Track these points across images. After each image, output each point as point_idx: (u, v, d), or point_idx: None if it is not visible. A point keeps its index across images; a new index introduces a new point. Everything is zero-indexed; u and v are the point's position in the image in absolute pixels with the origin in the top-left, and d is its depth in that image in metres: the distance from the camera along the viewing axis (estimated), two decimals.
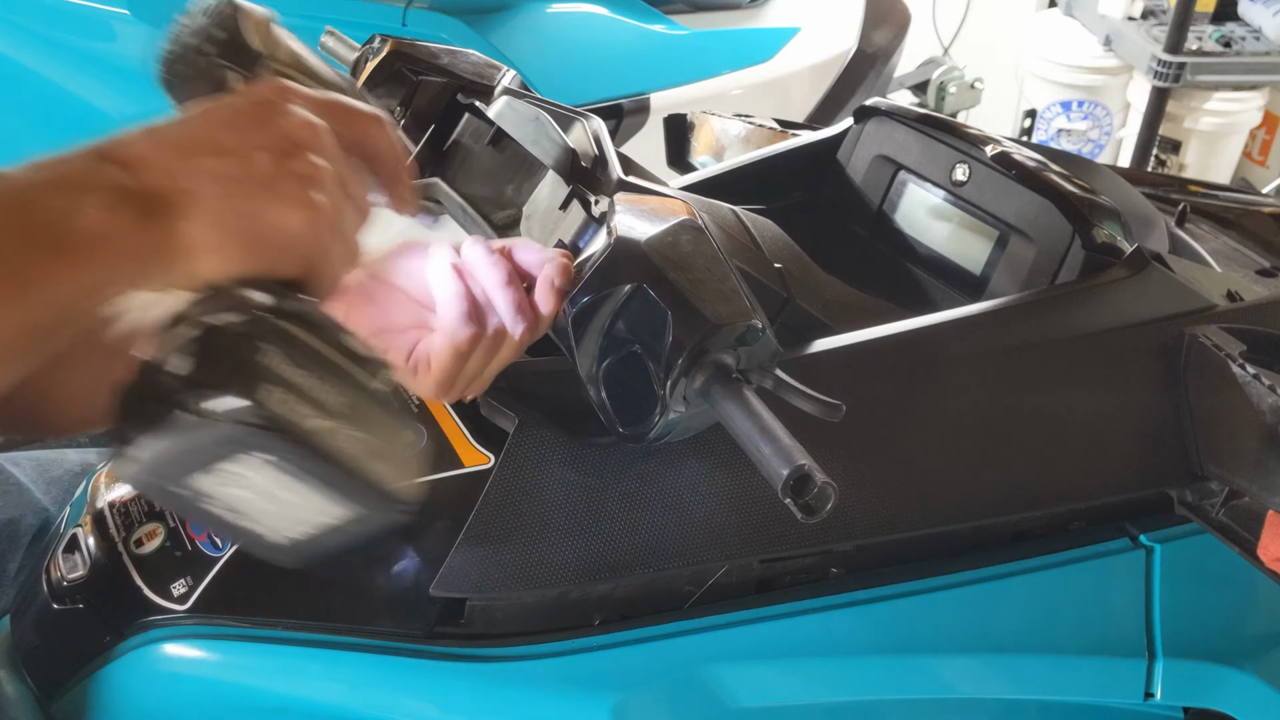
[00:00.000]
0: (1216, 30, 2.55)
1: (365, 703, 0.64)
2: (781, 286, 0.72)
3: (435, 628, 0.64)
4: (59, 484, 0.82)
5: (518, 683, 0.63)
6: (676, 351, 0.54)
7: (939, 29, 3.16)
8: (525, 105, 0.77)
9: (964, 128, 0.87)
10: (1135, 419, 0.72)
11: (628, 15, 1.89)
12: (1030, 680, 0.73)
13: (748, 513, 0.65)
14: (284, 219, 0.45)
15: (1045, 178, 0.79)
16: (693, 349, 0.54)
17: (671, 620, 0.66)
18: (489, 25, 1.77)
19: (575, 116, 0.74)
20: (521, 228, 0.72)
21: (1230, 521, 0.72)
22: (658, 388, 0.55)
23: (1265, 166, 2.82)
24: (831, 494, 0.51)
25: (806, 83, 2.04)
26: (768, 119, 1.17)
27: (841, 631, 0.69)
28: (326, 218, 0.47)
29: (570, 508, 0.63)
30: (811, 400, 0.55)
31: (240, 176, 0.44)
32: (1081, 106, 2.78)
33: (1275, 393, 0.64)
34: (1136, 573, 0.74)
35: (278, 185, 0.45)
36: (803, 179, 0.95)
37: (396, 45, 0.83)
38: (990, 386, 0.70)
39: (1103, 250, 0.75)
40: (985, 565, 0.72)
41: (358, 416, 0.43)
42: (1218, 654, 0.76)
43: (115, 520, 0.69)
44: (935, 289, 0.85)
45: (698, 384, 0.54)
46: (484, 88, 0.82)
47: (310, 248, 0.46)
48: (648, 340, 0.56)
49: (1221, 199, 1.10)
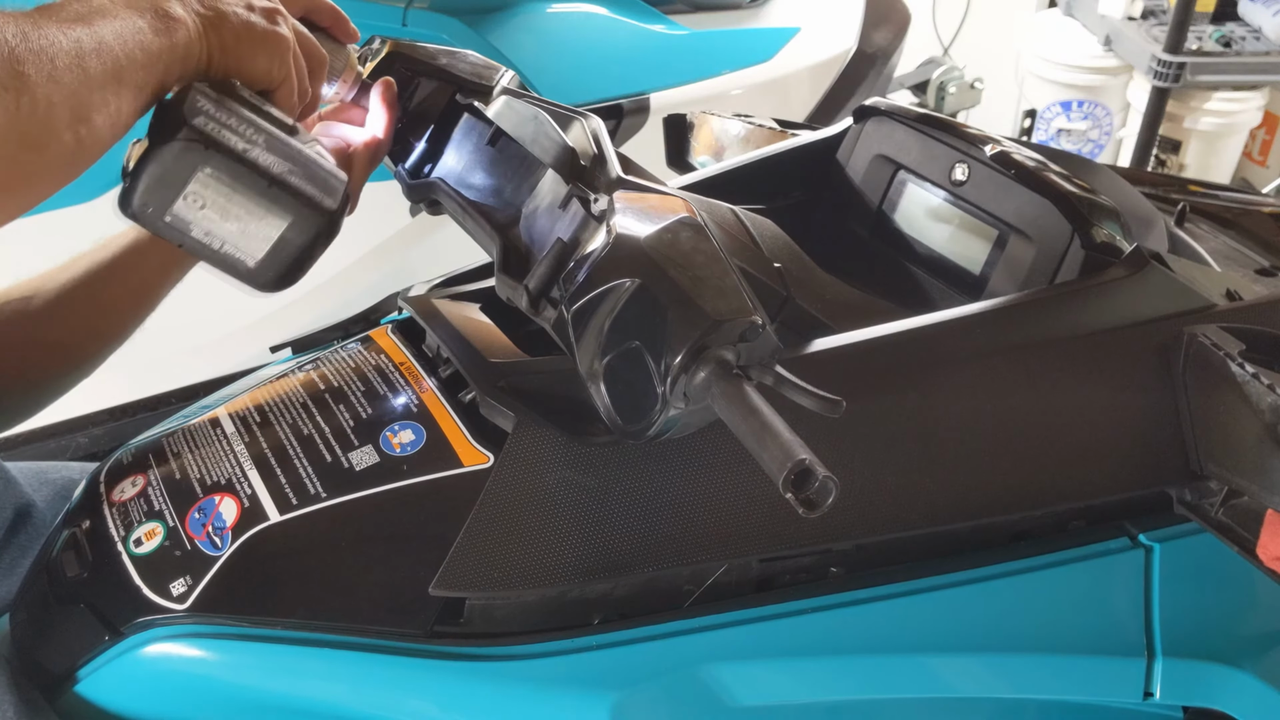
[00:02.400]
0: (1216, 30, 2.55)
1: (365, 703, 0.64)
2: (781, 286, 0.72)
3: (435, 627, 0.64)
4: (52, 485, 0.82)
5: (517, 682, 0.63)
6: (677, 348, 0.54)
7: (939, 29, 3.16)
8: (524, 105, 0.77)
9: (964, 127, 0.87)
10: (1134, 418, 0.72)
11: (628, 15, 1.89)
12: (1030, 680, 0.73)
13: (747, 512, 0.65)
14: (260, 39, 0.64)
15: (1045, 177, 0.79)
16: (693, 345, 0.54)
17: (671, 620, 0.66)
18: (489, 25, 1.77)
19: (574, 116, 0.74)
20: (521, 227, 0.72)
21: (1230, 521, 0.71)
22: (658, 384, 0.55)
23: (1265, 166, 2.82)
24: (833, 488, 0.51)
25: (806, 83, 2.04)
26: (768, 119, 1.17)
27: (841, 631, 0.69)
28: (286, 45, 0.66)
29: (570, 507, 0.63)
30: (812, 396, 0.55)
31: (231, 13, 0.63)
32: (1081, 106, 2.78)
33: (1275, 392, 0.64)
34: (1136, 572, 0.74)
35: (254, 21, 0.64)
36: (802, 179, 0.95)
37: (396, 46, 0.83)
38: (989, 386, 0.70)
39: (1102, 250, 0.75)
40: (985, 565, 0.72)
41: (273, 145, 0.63)
42: (1217, 654, 0.76)
43: (114, 520, 0.69)
44: (935, 289, 0.85)
45: (698, 380, 0.54)
46: (483, 88, 0.82)
47: (273, 64, 0.66)
48: (648, 337, 0.56)
49: (1221, 199, 1.10)
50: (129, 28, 0.57)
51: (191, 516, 0.67)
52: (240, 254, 0.64)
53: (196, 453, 0.72)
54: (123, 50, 0.57)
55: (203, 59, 0.62)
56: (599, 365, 0.58)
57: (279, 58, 0.66)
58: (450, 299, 0.82)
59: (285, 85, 0.67)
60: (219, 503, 0.67)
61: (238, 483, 0.68)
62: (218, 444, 0.72)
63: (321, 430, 0.70)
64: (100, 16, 0.56)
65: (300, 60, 0.69)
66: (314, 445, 0.69)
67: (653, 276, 0.57)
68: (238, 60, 0.64)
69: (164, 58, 0.59)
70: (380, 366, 0.76)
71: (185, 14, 0.61)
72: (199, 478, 0.69)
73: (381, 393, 0.73)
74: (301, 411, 0.72)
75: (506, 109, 0.79)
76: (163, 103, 0.62)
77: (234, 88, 0.64)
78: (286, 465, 0.68)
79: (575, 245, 0.64)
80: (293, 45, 0.67)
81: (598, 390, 0.58)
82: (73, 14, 0.56)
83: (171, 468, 0.71)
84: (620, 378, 0.57)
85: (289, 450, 0.69)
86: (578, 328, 0.59)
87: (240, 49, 0.64)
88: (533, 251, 0.70)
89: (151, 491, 0.70)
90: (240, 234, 0.63)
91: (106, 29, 0.56)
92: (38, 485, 0.81)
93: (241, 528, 0.65)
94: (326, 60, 0.73)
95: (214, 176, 0.61)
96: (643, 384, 0.56)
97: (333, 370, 0.76)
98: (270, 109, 0.65)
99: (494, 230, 0.72)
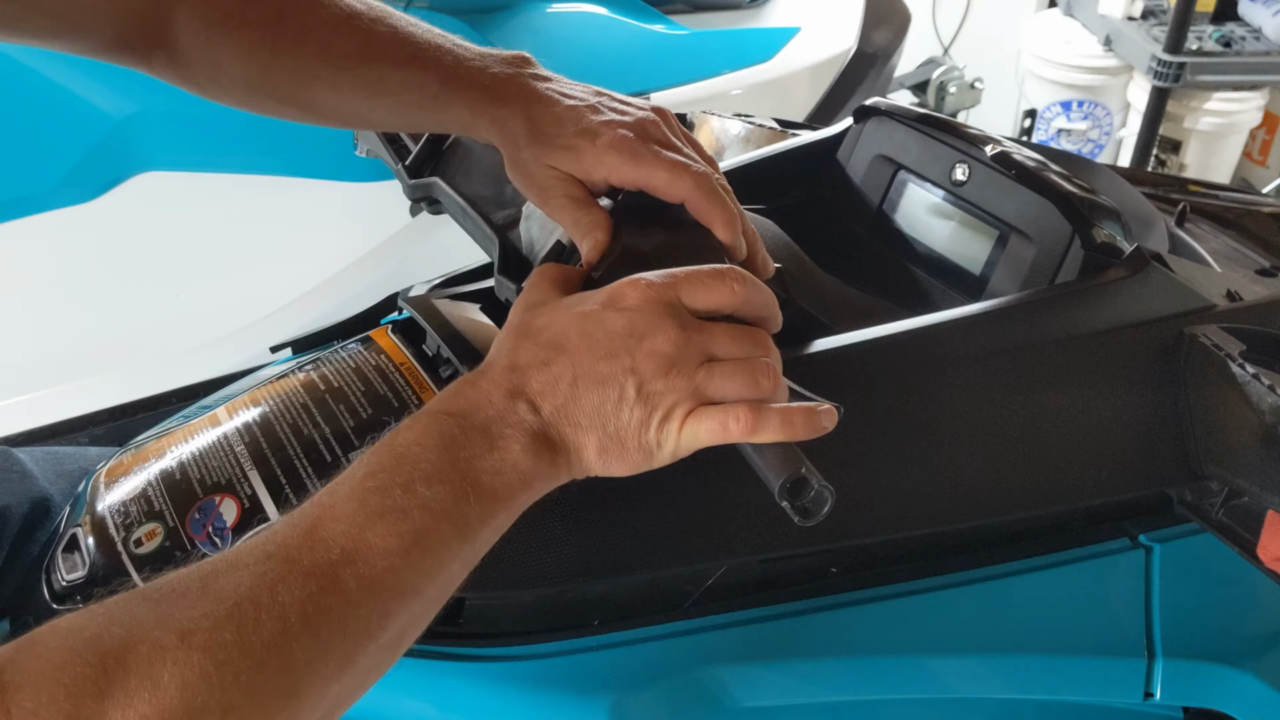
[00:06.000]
0: (1216, 30, 2.55)
1: (364, 702, 0.63)
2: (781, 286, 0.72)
3: (434, 627, 0.64)
4: (69, 477, 0.82)
5: (516, 683, 0.63)
6: None
7: (939, 29, 3.16)
8: None
9: (964, 127, 0.87)
10: (1135, 419, 0.72)
11: (628, 15, 1.89)
12: (1030, 680, 0.73)
13: (747, 513, 0.65)
14: (646, 445, 0.53)
15: (1045, 177, 0.79)
16: None
17: (671, 620, 0.66)
18: (489, 25, 1.77)
19: None
20: (521, 228, 0.72)
21: (1230, 521, 0.71)
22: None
23: (1265, 166, 2.82)
24: (828, 498, 0.51)
25: (806, 83, 2.04)
26: (768, 119, 1.17)
27: (841, 631, 0.69)
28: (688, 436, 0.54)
29: (569, 507, 0.63)
30: (809, 401, 0.55)
31: (613, 413, 0.52)
32: (1081, 106, 2.78)
33: (1275, 392, 0.64)
34: (1136, 572, 0.74)
35: (648, 416, 0.52)
36: (802, 179, 0.95)
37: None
38: (989, 386, 0.70)
39: (1102, 250, 0.75)
40: (985, 565, 0.72)
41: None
42: (1217, 654, 0.76)
43: (115, 520, 0.69)
44: (935, 289, 0.85)
45: None
46: None
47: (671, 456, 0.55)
48: None
49: (1221, 199, 1.10)
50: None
51: (192, 517, 0.67)
52: None
53: (197, 453, 0.72)
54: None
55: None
56: None
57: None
58: (450, 299, 0.82)
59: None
60: (219, 503, 0.67)
61: (238, 483, 0.68)
62: (218, 444, 0.72)
63: (322, 430, 0.70)
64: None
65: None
66: (314, 445, 0.69)
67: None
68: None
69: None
70: (380, 366, 0.76)
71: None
72: (199, 478, 0.69)
73: (381, 393, 0.73)
74: (301, 412, 0.72)
75: None
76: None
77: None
78: (287, 465, 0.68)
79: (574, 250, 0.64)
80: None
81: None
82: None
83: (172, 468, 0.71)
84: None
85: (289, 450, 0.69)
86: None
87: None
88: (533, 253, 0.70)
89: (151, 492, 0.70)
90: None
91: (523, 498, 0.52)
92: (54, 477, 0.80)
93: (242, 528, 0.65)
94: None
95: None
96: None
97: (333, 370, 0.76)
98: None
99: (494, 231, 0.72)
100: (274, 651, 0.43)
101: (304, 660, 0.44)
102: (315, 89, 0.67)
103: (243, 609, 0.43)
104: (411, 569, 0.47)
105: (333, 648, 0.45)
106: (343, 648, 0.45)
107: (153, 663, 0.41)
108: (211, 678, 0.41)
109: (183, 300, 1.71)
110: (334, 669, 0.45)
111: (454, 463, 0.49)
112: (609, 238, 0.60)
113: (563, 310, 0.55)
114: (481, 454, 0.50)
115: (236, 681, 0.42)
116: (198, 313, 1.71)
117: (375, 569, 0.46)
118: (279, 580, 0.44)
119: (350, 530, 0.46)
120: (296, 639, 0.43)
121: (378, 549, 0.46)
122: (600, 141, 0.61)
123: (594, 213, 0.61)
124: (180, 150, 1.61)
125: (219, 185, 1.65)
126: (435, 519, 0.48)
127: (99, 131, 1.56)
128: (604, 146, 0.61)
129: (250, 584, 0.44)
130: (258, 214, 1.70)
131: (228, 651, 0.42)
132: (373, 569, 0.46)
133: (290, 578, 0.45)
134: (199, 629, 0.42)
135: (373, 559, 0.46)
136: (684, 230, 0.62)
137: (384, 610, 0.47)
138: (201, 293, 1.71)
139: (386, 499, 0.48)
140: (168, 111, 1.58)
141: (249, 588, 0.44)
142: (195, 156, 1.63)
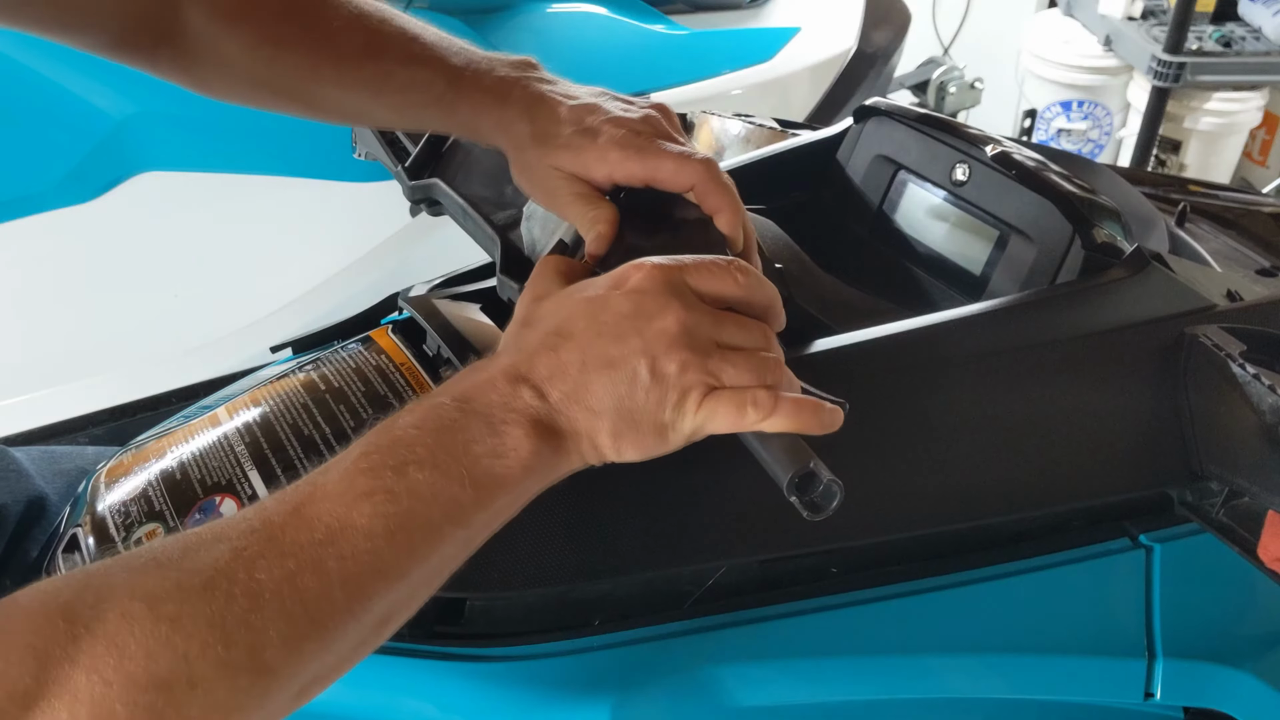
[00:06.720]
0: (1216, 30, 2.55)
1: (365, 703, 0.64)
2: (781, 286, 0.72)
3: (435, 627, 0.64)
4: (66, 476, 0.82)
5: (518, 683, 0.63)
6: None
7: (939, 29, 3.16)
8: None
9: (964, 128, 0.87)
10: (1135, 418, 0.72)
11: (628, 15, 1.89)
12: (1030, 680, 0.73)
13: (747, 513, 0.65)
14: (661, 426, 0.52)
15: (1045, 178, 0.79)
16: None
17: (671, 620, 0.66)
18: (489, 25, 1.77)
19: None
20: (522, 228, 0.72)
21: (1230, 521, 0.71)
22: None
23: (1265, 166, 2.82)
24: (837, 491, 0.51)
25: (806, 83, 2.04)
26: (768, 119, 1.17)
27: (841, 632, 0.69)
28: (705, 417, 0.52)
29: (570, 507, 0.63)
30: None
31: (627, 395, 0.51)
32: (1081, 106, 2.78)
33: (1275, 393, 0.64)
34: (1136, 572, 0.74)
35: (663, 396, 0.51)
36: (803, 179, 0.95)
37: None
38: (990, 386, 0.70)
39: (1103, 250, 0.75)
40: (985, 565, 0.72)
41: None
42: (1218, 654, 0.76)
43: (115, 520, 0.69)
44: (935, 289, 0.85)
45: None
46: None
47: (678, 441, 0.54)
48: None
49: (1221, 199, 1.10)
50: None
51: (192, 517, 0.67)
52: None
53: (197, 453, 0.72)
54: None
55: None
56: None
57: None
58: (450, 299, 0.82)
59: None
60: (219, 503, 0.67)
61: (238, 483, 0.68)
62: (218, 444, 0.72)
63: (322, 430, 0.70)
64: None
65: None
66: (315, 445, 0.69)
67: None
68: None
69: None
70: (380, 366, 0.76)
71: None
72: (199, 478, 0.69)
73: (382, 393, 0.73)
74: (302, 412, 0.72)
75: None
76: None
77: None
78: (287, 466, 0.68)
79: (576, 247, 0.64)
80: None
81: None
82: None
83: (172, 468, 0.71)
84: None
85: (289, 450, 0.69)
86: None
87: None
88: (535, 252, 0.70)
89: (151, 492, 0.70)
90: None
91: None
92: (51, 476, 0.80)
93: None
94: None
95: None
96: None
97: (333, 370, 0.76)
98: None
99: (495, 231, 0.72)
100: (245, 628, 0.43)
101: (278, 639, 0.43)
102: (321, 84, 0.66)
103: (216, 584, 0.43)
104: (396, 552, 0.47)
105: (309, 628, 0.44)
106: (320, 629, 0.45)
107: (120, 630, 0.41)
108: (178, 649, 0.41)
109: (183, 300, 1.71)
110: (310, 649, 0.45)
111: (449, 447, 0.49)
112: (613, 230, 0.60)
113: (567, 297, 0.54)
114: (480, 439, 0.49)
115: (204, 655, 0.41)
116: (198, 313, 1.71)
117: (357, 550, 0.46)
118: (257, 557, 0.44)
119: (336, 510, 0.46)
120: (270, 618, 0.43)
121: (361, 530, 0.46)
122: (602, 140, 0.61)
123: (599, 206, 0.61)
124: (180, 150, 1.61)
125: (219, 185, 1.65)
126: (425, 503, 0.47)
127: (99, 131, 1.56)
128: (606, 144, 0.61)
129: (228, 559, 0.44)
130: (258, 214, 1.70)
131: (196, 624, 0.42)
132: (355, 550, 0.46)
133: (269, 555, 0.44)
134: (169, 599, 0.42)
135: (355, 540, 0.46)
136: (685, 228, 0.62)
137: (366, 593, 0.46)
138: (201, 293, 1.71)
139: (376, 480, 0.47)
140: (167, 112, 1.58)
141: (226, 563, 0.43)
142: (195, 157, 1.63)
